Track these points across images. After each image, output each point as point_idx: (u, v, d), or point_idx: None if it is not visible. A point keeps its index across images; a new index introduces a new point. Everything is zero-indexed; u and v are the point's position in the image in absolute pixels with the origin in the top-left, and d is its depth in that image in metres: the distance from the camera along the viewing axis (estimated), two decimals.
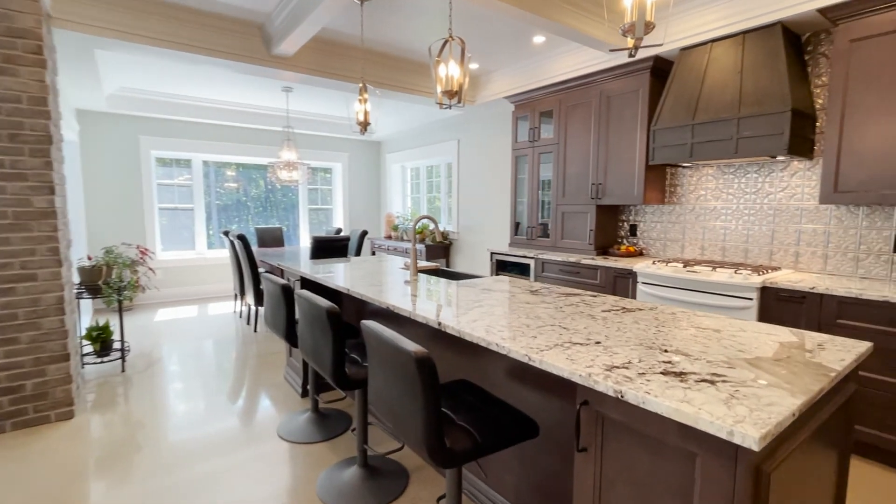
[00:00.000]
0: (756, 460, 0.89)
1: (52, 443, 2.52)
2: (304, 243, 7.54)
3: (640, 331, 1.53)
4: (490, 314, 1.77)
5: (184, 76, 4.88)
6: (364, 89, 3.28)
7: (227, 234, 5.59)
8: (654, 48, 2.76)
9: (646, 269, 3.22)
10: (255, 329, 4.87)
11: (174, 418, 2.83)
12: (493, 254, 4.70)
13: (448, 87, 2.38)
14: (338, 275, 2.84)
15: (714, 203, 3.49)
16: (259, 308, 5.07)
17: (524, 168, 4.69)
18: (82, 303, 4.87)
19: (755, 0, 2.83)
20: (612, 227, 4.15)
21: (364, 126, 3.34)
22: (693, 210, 3.63)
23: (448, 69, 2.37)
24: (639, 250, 3.98)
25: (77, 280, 3.74)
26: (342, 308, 3.26)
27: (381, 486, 2.12)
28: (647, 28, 1.53)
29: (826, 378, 1.09)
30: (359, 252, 5.78)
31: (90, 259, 3.56)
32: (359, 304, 3.09)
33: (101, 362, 3.69)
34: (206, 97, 5.86)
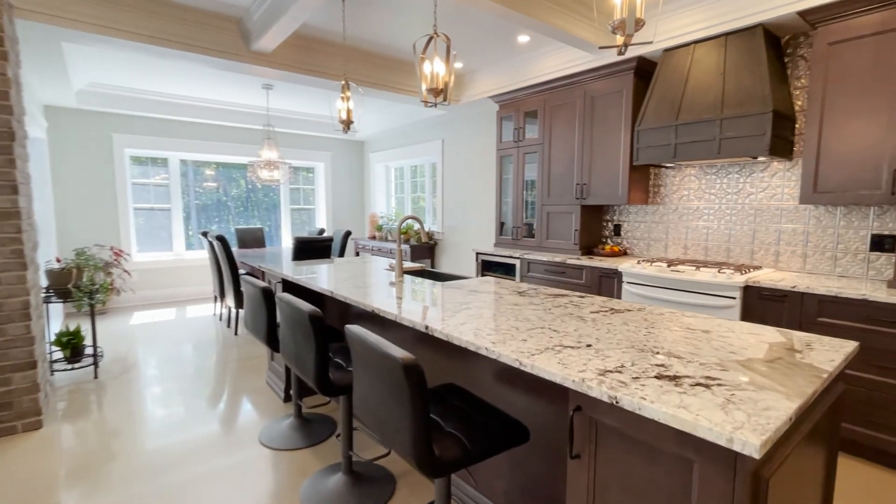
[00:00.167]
0: (755, 467, 0.87)
1: (18, 455, 2.40)
2: (286, 244, 7.39)
3: (630, 332, 1.51)
4: (478, 317, 1.74)
5: (159, 72, 4.72)
6: (346, 87, 3.22)
7: (205, 234, 5.43)
8: (644, 45, 2.76)
9: (631, 268, 3.23)
10: (235, 332, 4.74)
11: (150, 425, 2.72)
12: (478, 254, 4.67)
13: (433, 85, 2.33)
14: (321, 276, 2.77)
15: (697, 203, 3.52)
16: (240, 311, 4.94)
17: (509, 168, 4.67)
18: (53, 307, 4.67)
19: (737, 2, 2.86)
20: (596, 227, 4.16)
21: (347, 124, 3.27)
22: (676, 210, 3.66)
23: (433, 66, 2.32)
24: (623, 250, 4.00)
25: (45, 283, 3.58)
26: (325, 310, 3.18)
27: (367, 493, 2.07)
28: (637, 25, 1.51)
29: (818, 380, 1.09)
30: (342, 253, 5.70)
31: (59, 261, 3.41)
32: (343, 307, 3.02)
33: (73, 369, 3.54)
34: (182, 94, 5.68)
